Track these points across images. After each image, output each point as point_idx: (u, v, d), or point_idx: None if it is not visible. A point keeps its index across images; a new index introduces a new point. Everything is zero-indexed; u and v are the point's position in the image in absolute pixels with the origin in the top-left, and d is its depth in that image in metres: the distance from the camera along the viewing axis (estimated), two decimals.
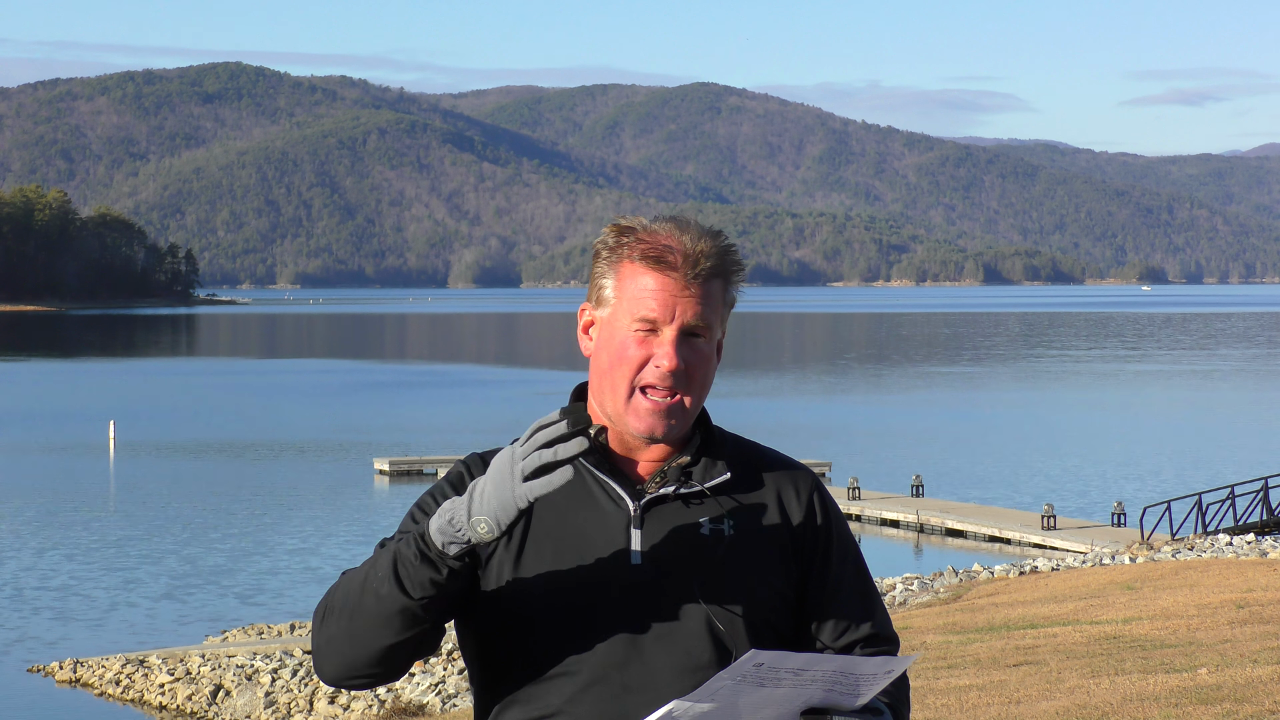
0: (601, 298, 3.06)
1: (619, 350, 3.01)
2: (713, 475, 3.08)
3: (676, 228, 3.05)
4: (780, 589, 3.07)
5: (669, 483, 3.06)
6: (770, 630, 3.06)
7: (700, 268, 3.01)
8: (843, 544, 3.15)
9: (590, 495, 3.05)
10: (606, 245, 3.07)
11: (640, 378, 3.01)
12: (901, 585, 28.27)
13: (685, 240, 3.02)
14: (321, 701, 21.29)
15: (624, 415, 3.03)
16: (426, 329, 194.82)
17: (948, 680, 14.97)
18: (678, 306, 3.00)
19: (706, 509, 3.07)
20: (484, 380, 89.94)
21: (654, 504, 3.05)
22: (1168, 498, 36.76)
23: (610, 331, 3.04)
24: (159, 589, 30.54)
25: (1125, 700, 12.85)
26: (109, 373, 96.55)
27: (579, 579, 3.00)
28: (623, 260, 3.03)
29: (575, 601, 3.00)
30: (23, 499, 42.36)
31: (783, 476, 3.14)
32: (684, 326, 3.00)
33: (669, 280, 3.00)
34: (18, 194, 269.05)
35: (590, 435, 2.85)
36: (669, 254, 3.00)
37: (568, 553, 3.02)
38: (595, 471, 3.06)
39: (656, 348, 3.00)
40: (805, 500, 3.13)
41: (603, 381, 3.05)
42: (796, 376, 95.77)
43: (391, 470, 47.62)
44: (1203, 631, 17.22)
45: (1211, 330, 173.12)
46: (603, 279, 3.06)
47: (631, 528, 3.04)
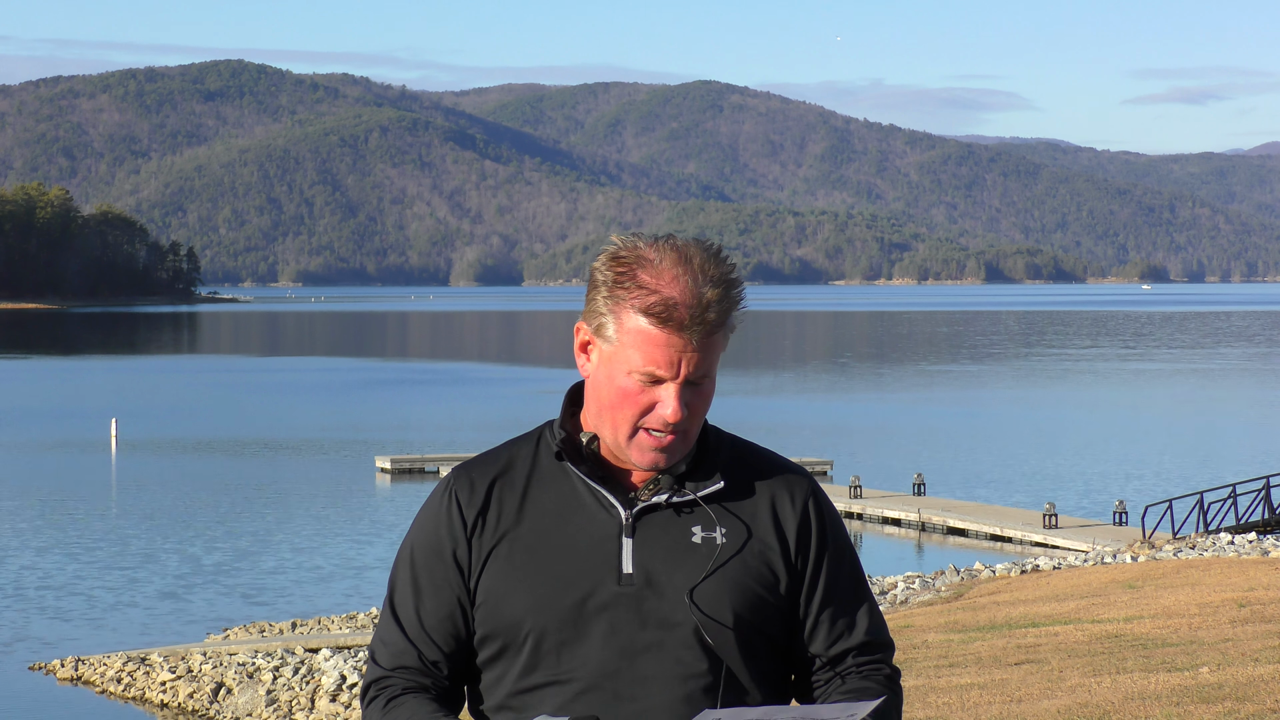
0: (602, 332, 3.01)
1: (621, 394, 2.99)
2: (706, 484, 3.06)
3: (679, 264, 2.95)
4: (773, 597, 3.05)
5: (661, 491, 3.05)
6: (762, 638, 3.04)
7: (707, 325, 2.95)
8: (837, 550, 3.13)
9: (582, 503, 3.05)
10: (606, 281, 2.99)
11: (644, 421, 2.99)
12: (903, 584, 28.26)
13: (689, 290, 2.94)
14: (323, 699, 21.29)
15: (626, 449, 3.02)
16: (428, 327, 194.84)
17: (949, 679, 14.97)
18: (683, 362, 2.96)
19: (699, 517, 3.05)
20: (485, 378, 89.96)
21: (646, 512, 3.04)
22: (1169, 497, 36.77)
23: (611, 370, 3.00)
24: (160, 587, 30.54)
25: (1127, 699, 12.84)
26: (111, 371, 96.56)
27: (571, 588, 3.00)
28: (624, 305, 2.97)
29: (567, 610, 2.99)
30: (24, 496, 42.37)
31: (778, 482, 3.11)
32: (688, 378, 2.98)
33: (674, 338, 2.94)
34: (19, 192, 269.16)
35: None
36: (675, 311, 2.93)
37: (559, 561, 3.01)
38: (587, 480, 3.05)
39: (660, 394, 2.97)
40: (800, 506, 3.11)
41: (603, 414, 3.02)
42: (798, 375, 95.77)
43: (393, 468, 47.62)
44: (1204, 630, 17.21)
45: (1210, 329, 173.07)
46: (602, 316, 3.00)
47: (623, 536, 3.03)
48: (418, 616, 3.07)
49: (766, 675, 3.06)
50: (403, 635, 3.08)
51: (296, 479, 46.49)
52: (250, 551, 34.44)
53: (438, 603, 3.06)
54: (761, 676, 3.04)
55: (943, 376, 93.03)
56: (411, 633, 3.07)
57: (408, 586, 3.10)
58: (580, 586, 2.99)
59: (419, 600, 3.08)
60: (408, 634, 3.08)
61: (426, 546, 3.10)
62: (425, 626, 3.06)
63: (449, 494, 3.09)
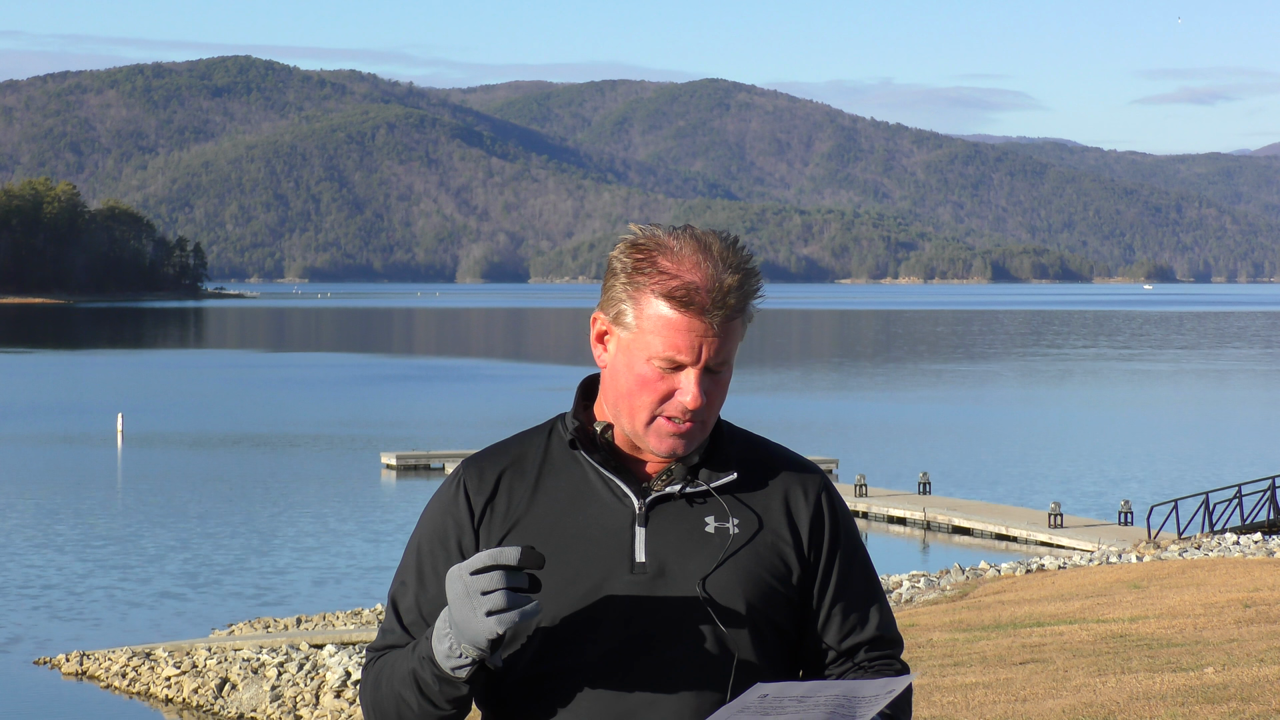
0: (620, 320, 3.00)
1: (640, 381, 2.99)
2: (719, 474, 3.06)
3: (699, 252, 2.96)
4: (784, 588, 3.06)
5: (675, 481, 3.05)
6: (774, 630, 3.05)
7: (728, 309, 2.96)
8: (849, 546, 3.14)
9: (595, 493, 3.05)
10: (625, 268, 2.99)
11: (663, 408, 2.99)
12: (908, 582, 28.25)
13: (710, 275, 2.94)
14: (327, 696, 21.30)
15: (644, 436, 3.01)
16: (434, 324, 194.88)
17: (954, 678, 14.96)
18: (704, 347, 2.96)
19: (712, 508, 3.05)
20: (492, 375, 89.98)
21: (659, 502, 3.04)
22: (1175, 496, 36.77)
23: (630, 358, 3.00)
24: (165, 582, 30.55)
25: (1131, 699, 12.84)
26: (117, 365, 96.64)
27: (583, 576, 3.00)
28: (644, 291, 2.96)
29: (579, 599, 2.99)
30: (30, 491, 42.41)
31: (791, 477, 3.12)
32: (708, 364, 2.98)
33: (695, 323, 2.94)
34: (27, 186, 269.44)
35: (540, 567, 2.82)
36: (696, 294, 2.93)
37: (572, 550, 3.01)
38: (601, 470, 3.06)
39: (680, 381, 2.97)
40: (813, 501, 3.11)
41: (620, 402, 3.02)
42: (804, 373, 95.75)
43: (399, 465, 47.63)
44: (1209, 630, 17.19)
45: (1205, 329, 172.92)
46: (621, 303, 2.99)
47: (636, 525, 3.03)
48: (417, 605, 3.08)
49: (776, 666, 3.06)
50: (399, 624, 3.09)
51: (302, 475, 46.51)
52: (255, 547, 34.46)
53: (439, 591, 3.06)
54: (771, 667, 3.04)
55: (948, 375, 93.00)
56: (408, 620, 3.08)
57: (411, 575, 3.10)
58: (593, 575, 2.99)
59: (421, 589, 3.08)
60: (404, 622, 3.08)
61: (433, 535, 3.10)
62: (424, 614, 3.07)
63: (458, 483, 3.10)
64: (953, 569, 29.59)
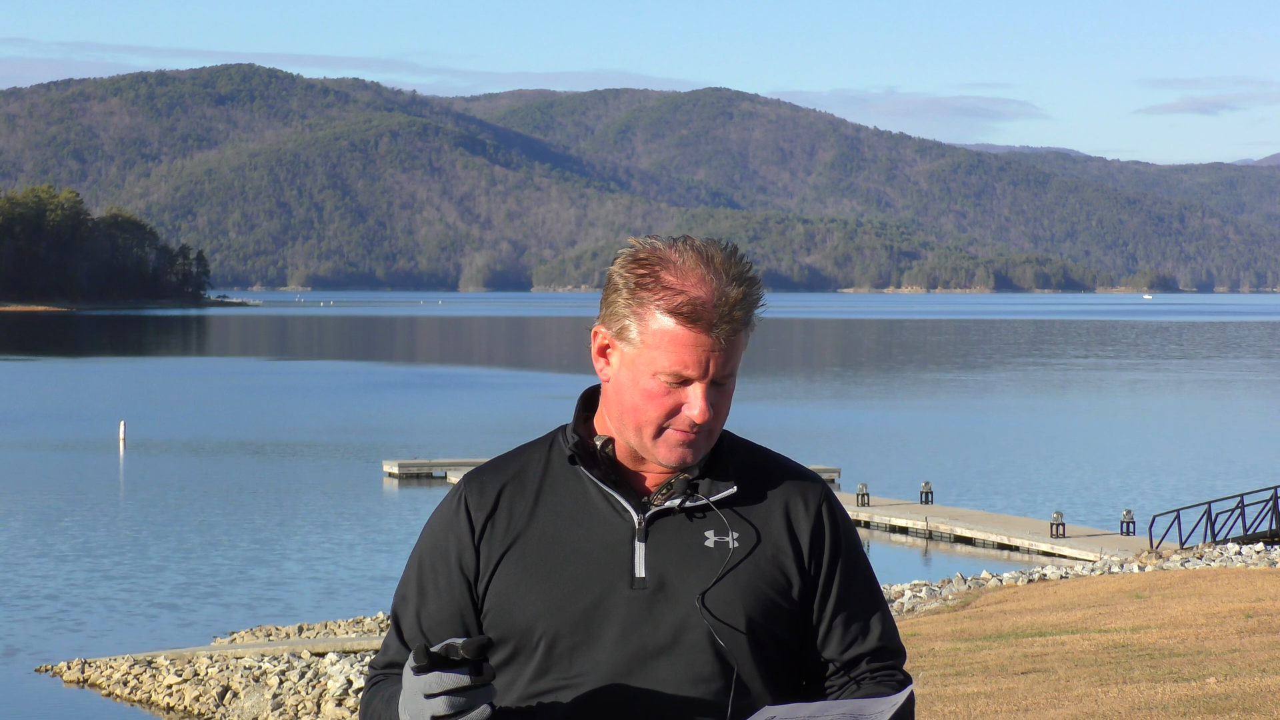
0: (624, 335, 2.98)
1: (645, 396, 2.97)
2: (719, 488, 3.05)
3: (703, 265, 2.94)
4: (785, 601, 3.05)
5: (674, 495, 3.04)
6: (775, 643, 3.04)
7: (734, 323, 2.94)
8: (851, 556, 3.13)
9: (594, 507, 3.04)
10: (627, 283, 2.96)
11: (670, 423, 2.98)
12: (910, 592, 28.23)
13: (715, 289, 2.92)
14: (329, 704, 21.29)
15: (653, 448, 3.00)
16: (437, 332, 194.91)
17: (955, 687, 14.95)
18: (710, 361, 2.94)
19: (711, 522, 3.05)
20: (494, 383, 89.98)
21: (658, 516, 3.03)
22: (1177, 506, 36.74)
23: (635, 373, 2.98)
24: (167, 590, 30.54)
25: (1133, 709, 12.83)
26: (119, 373, 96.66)
27: (583, 592, 2.99)
28: (648, 306, 2.94)
29: (578, 613, 2.99)
30: (32, 498, 42.41)
31: (791, 488, 3.11)
32: (714, 378, 2.97)
33: (702, 338, 2.93)
34: (30, 194, 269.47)
35: (485, 657, 2.79)
36: (702, 310, 2.91)
37: (572, 565, 3.01)
38: (600, 484, 3.05)
39: (688, 395, 2.96)
40: (813, 512, 3.10)
41: (626, 417, 3.00)
42: (806, 382, 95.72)
43: (401, 473, 47.61)
44: (1211, 640, 17.19)
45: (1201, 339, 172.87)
46: (624, 318, 2.97)
47: (636, 540, 3.02)
48: (417, 622, 3.08)
49: (778, 680, 3.05)
50: (399, 640, 3.09)
51: (304, 483, 46.51)
52: (257, 555, 34.45)
53: (440, 606, 3.06)
54: (773, 681, 3.04)
55: (950, 385, 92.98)
56: (408, 636, 3.08)
57: (412, 591, 3.10)
58: (592, 590, 2.98)
59: (421, 604, 3.08)
60: (404, 638, 3.09)
61: (434, 551, 3.10)
62: (424, 630, 3.06)
63: (460, 499, 3.10)
64: (955, 578, 29.57)
